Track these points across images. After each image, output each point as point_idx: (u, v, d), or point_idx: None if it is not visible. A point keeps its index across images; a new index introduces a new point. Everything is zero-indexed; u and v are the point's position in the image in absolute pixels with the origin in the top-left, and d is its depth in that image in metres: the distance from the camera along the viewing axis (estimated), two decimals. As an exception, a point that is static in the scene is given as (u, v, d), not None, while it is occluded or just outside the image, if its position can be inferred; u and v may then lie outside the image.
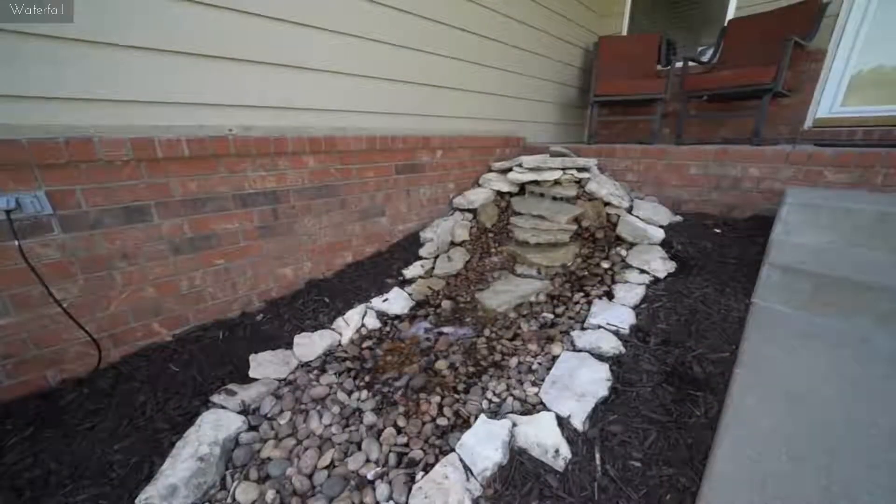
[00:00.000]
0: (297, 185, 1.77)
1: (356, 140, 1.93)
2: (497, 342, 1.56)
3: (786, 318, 1.33)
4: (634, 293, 1.70)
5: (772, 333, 1.27)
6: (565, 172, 2.42)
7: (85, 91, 1.25)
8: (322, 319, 1.70)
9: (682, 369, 1.25)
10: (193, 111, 1.48)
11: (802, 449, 0.92)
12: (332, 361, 1.48)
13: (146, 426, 1.16)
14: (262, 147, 1.60)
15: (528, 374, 1.36)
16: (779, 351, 1.19)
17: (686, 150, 2.35)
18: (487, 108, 2.82)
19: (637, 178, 2.56)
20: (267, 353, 1.48)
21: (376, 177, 2.10)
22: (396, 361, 1.49)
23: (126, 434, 1.13)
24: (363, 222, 2.10)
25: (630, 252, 2.01)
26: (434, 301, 1.89)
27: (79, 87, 1.24)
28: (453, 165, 2.56)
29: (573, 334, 1.50)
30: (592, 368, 1.30)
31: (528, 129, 3.22)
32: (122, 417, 1.18)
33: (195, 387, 1.31)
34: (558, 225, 2.20)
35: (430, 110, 2.41)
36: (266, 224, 1.71)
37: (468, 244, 2.36)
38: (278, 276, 1.80)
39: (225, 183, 1.55)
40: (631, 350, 1.37)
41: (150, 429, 1.16)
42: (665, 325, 1.47)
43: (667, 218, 2.24)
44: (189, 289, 1.53)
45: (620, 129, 3.84)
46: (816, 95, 2.71)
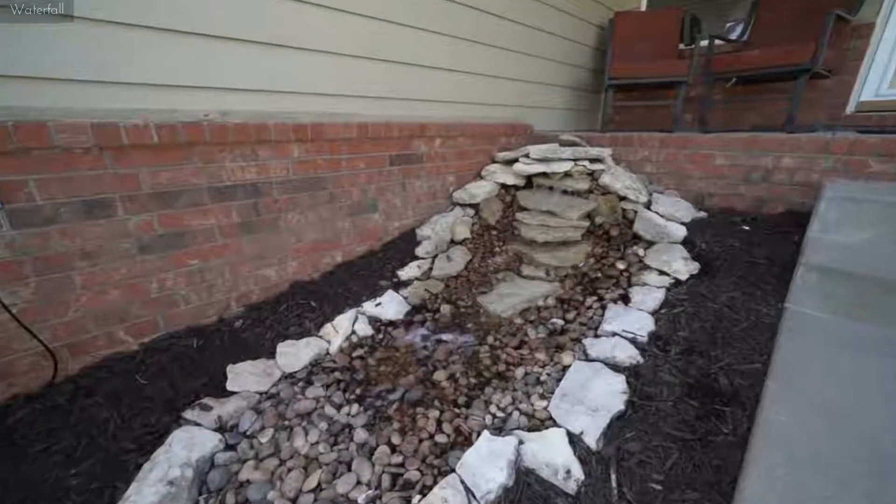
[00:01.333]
0: (280, 176, 1.76)
1: (346, 127, 1.92)
2: (501, 351, 1.56)
3: (824, 325, 1.31)
4: (653, 297, 1.69)
5: (808, 342, 1.25)
6: (577, 164, 2.41)
7: (40, 69, 1.23)
8: (308, 326, 1.69)
9: (706, 382, 1.24)
10: (164, 94, 1.46)
11: (845, 472, 0.89)
12: (319, 372, 1.47)
13: (108, 447, 1.14)
14: (241, 134, 1.58)
15: (535, 386, 1.35)
16: (816, 361, 1.18)
17: (711, 139, 2.33)
18: (490, 92, 2.80)
19: (656, 170, 2.55)
20: (247, 363, 1.47)
21: (368, 168, 2.09)
22: (390, 372, 1.48)
23: (85, 456, 1.11)
24: (354, 218, 2.09)
25: (648, 251, 2.00)
26: (432, 305, 1.89)
27: (33, 65, 1.22)
28: (453, 156, 2.54)
29: (585, 342, 1.50)
30: (607, 380, 1.29)
31: (535, 116, 3.20)
32: (80, 437, 1.15)
33: (165, 401, 1.29)
34: (569, 221, 2.19)
35: (427, 94, 2.38)
36: (246, 220, 1.69)
37: (469, 243, 2.35)
38: (259, 277, 1.79)
39: (200, 174, 1.53)
40: (649, 360, 1.36)
41: (113, 450, 1.13)
42: (687, 332, 1.46)
43: (689, 214, 2.23)
44: (159, 292, 1.52)
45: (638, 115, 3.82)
46: (861, 76, 2.67)
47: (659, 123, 3.60)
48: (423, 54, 2.29)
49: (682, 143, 2.42)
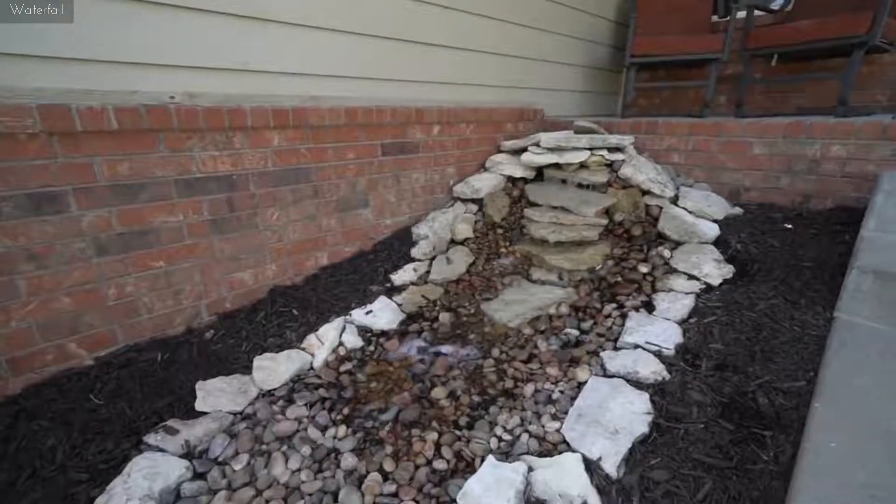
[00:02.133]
0: (258, 167, 1.75)
1: (332, 112, 1.91)
2: (508, 365, 1.56)
3: (881, 338, 1.28)
4: (681, 304, 1.68)
5: (862, 357, 1.23)
6: (593, 153, 2.40)
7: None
8: (289, 336, 1.68)
9: (743, 401, 1.22)
10: (124, 72, 1.45)
11: (905, 507, 0.87)
12: (301, 389, 1.47)
13: (56, 478, 1.12)
14: (213, 119, 1.58)
15: (547, 405, 1.35)
16: (871, 380, 1.15)
17: (748, 125, 2.31)
18: (496, 72, 2.78)
19: (684, 160, 2.53)
20: (219, 379, 1.46)
21: (357, 158, 2.08)
22: (383, 389, 1.48)
23: (28, 489, 1.08)
24: (341, 215, 2.09)
25: (675, 253, 1.99)
26: (430, 314, 1.88)
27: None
28: (454, 144, 2.53)
29: (604, 356, 1.50)
30: (628, 398, 1.28)
31: (547, 100, 3.18)
32: (21, 467, 1.13)
33: (124, 424, 1.27)
34: (584, 219, 2.18)
35: (424, 75, 2.37)
36: (219, 216, 1.68)
37: (472, 243, 2.35)
38: (234, 282, 1.78)
39: (166, 164, 1.52)
40: (677, 376, 1.35)
41: (61, 481, 1.11)
42: (720, 344, 1.44)
43: (722, 210, 2.21)
44: (118, 299, 1.50)
45: (664, 98, 3.81)
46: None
47: (688, 108, 3.58)
48: (420, 29, 2.28)
49: (714, 130, 2.40)
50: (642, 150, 2.63)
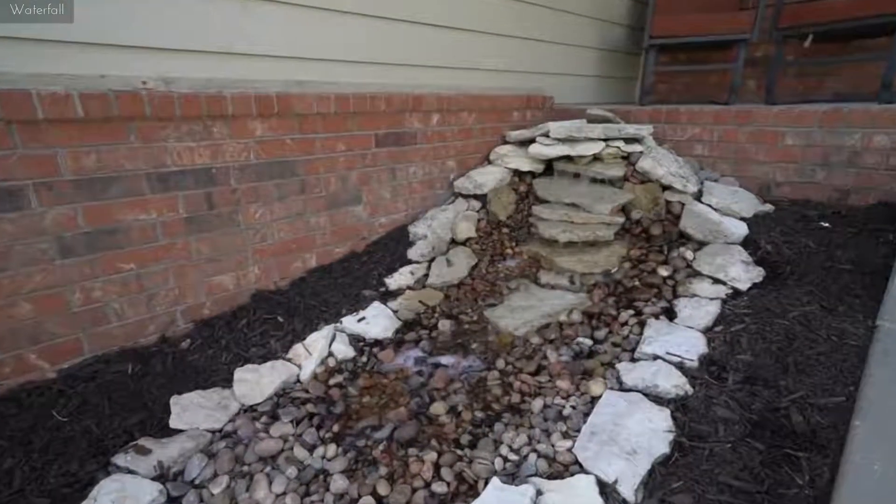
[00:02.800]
0: (239, 160, 1.75)
1: (321, 100, 1.91)
2: (514, 378, 1.55)
3: (926, 347, 1.28)
4: (705, 311, 1.68)
5: (906, 369, 1.22)
6: (609, 144, 2.40)
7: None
8: (274, 346, 1.68)
9: (775, 418, 1.22)
10: (90, 54, 1.44)
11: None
12: (287, 404, 1.47)
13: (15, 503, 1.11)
14: (190, 107, 1.57)
15: (557, 421, 1.35)
16: (916, 394, 1.14)
17: (780, 112, 2.31)
18: (501, 55, 2.78)
19: (709, 152, 2.53)
20: (195, 393, 1.46)
21: (349, 150, 2.08)
22: (377, 404, 1.48)
23: (-19, 518, 1.09)
24: (331, 212, 2.09)
25: (699, 254, 1.99)
26: (428, 321, 1.88)
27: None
28: (455, 135, 2.53)
29: (620, 367, 1.50)
30: (647, 415, 1.28)
31: (557, 86, 3.17)
32: (-26, 493, 1.13)
33: (91, 443, 1.27)
34: (598, 217, 2.18)
35: (422, 58, 2.37)
36: (196, 214, 1.68)
37: (475, 243, 2.35)
38: (213, 286, 1.78)
39: (137, 157, 1.52)
40: (701, 390, 1.35)
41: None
42: (749, 355, 1.44)
43: (751, 207, 2.21)
44: (84, 305, 1.50)
45: (686, 83, 3.81)
46: None
47: (713, 94, 3.58)
48: (417, 8, 2.28)
49: (742, 118, 2.40)
50: (662, 141, 2.63)
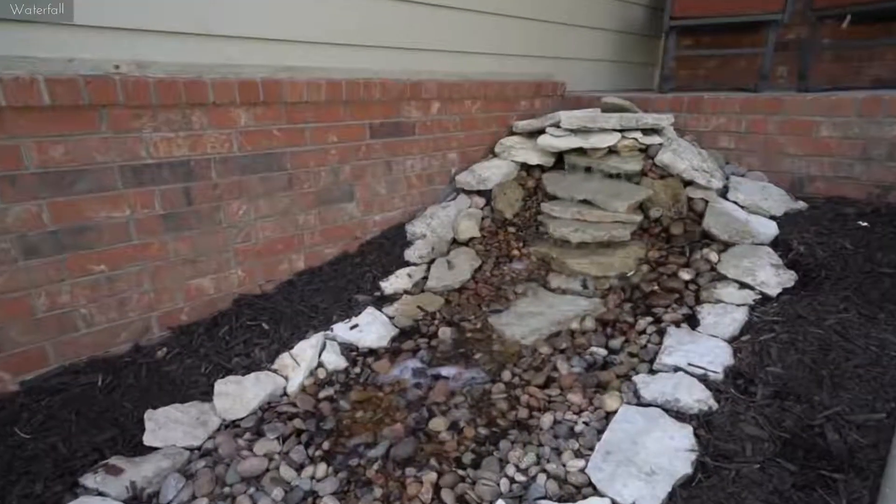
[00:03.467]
0: (221, 152, 1.75)
1: (311, 86, 1.91)
2: (522, 391, 1.56)
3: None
4: (731, 319, 1.68)
5: (950, 382, 1.22)
6: (625, 136, 2.40)
7: None
8: (258, 356, 1.68)
9: (808, 437, 1.21)
10: (58, 35, 1.44)
11: None
12: (272, 420, 1.47)
13: (-28, 528, 1.13)
14: (167, 94, 1.58)
15: (568, 439, 1.35)
16: (962, 410, 1.14)
17: (813, 101, 2.31)
18: (508, 38, 2.78)
19: (735, 145, 2.53)
20: (172, 407, 1.46)
21: (341, 142, 2.09)
22: (371, 419, 1.48)
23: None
24: (321, 210, 2.09)
25: (724, 256, 1.99)
26: (427, 328, 1.88)
27: None
28: (457, 125, 2.53)
29: (637, 380, 1.50)
30: (667, 432, 1.28)
31: (569, 71, 3.17)
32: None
33: (57, 463, 1.26)
34: (614, 215, 2.18)
35: (420, 41, 2.37)
36: (173, 211, 1.69)
37: (478, 243, 2.35)
38: (192, 290, 1.78)
39: (109, 148, 1.52)
40: (727, 405, 1.35)
41: (-22, 533, 1.12)
42: (780, 367, 1.44)
43: (782, 204, 2.21)
44: (49, 310, 1.50)
45: (710, 69, 3.80)
46: None
47: (740, 80, 3.57)
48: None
49: (772, 107, 2.40)
50: (684, 132, 2.63)
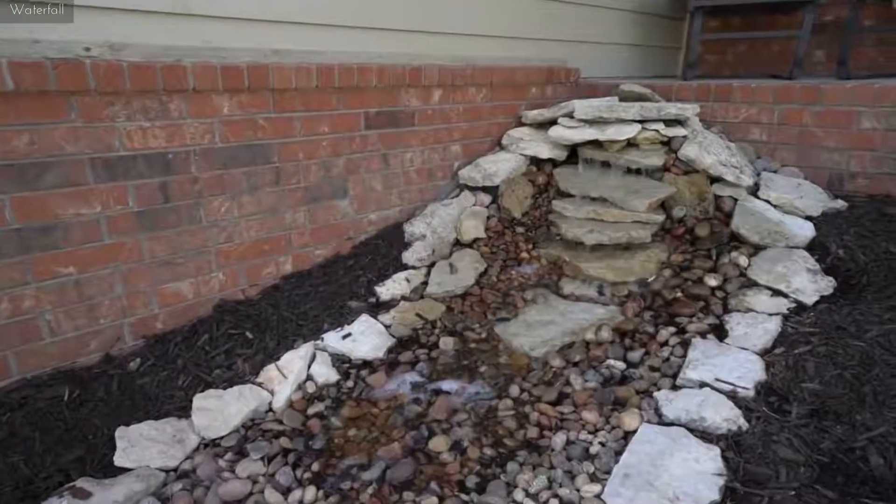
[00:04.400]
0: (201, 144, 1.76)
1: (301, 72, 1.92)
2: (531, 408, 1.56)
3: None
4: (763, 329, 1.68)
5: None
6: (645, 127, 2.40)
7: None
8: (241, 368, 1.69)
9: (849, 460, 1.21)
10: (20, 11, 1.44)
11: None
12: (256, 438, 1.47)
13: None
14: (143, 79, 1.58)
15: (583, 461, 1.35)
16: None
17: (855, 89, 2.31)
18: (516, 18, 2.78)
19: (767, 137, 2.53)
20: (146, 424, 1.46)
21: (334, 133, 2.09)
22: (365, 438, 1.48)
23: None
24: (311, 207, 2.10)
25: (755, 260, 1.99)
26: (427, 338, 1.89)
27: None
28: (460, 115, 2.54)
29: (658, 396, 1.50)
30: (692, 454, 1.28)
31: (583, 56, 3.18)
32: None
33: (19, 485, 1.26)
34: (633, 214, 2.18)
35: (421, 22, 2.38)
36: (149, 208, 1.69)
37: (484, 245, 2.35)
38: (169, 294, 1.78)
39: (79, 138, 1.52)
40: (758, 425, 1.34)
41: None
42: (817, 383, 1.43)
43: (819, 203, 2.21)
44: (11, 316, 1.50)
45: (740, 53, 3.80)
46: None
47: (773, 67, 3.57)
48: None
49: (808, 96, 2.40)
50: (711, 124, 2.63)
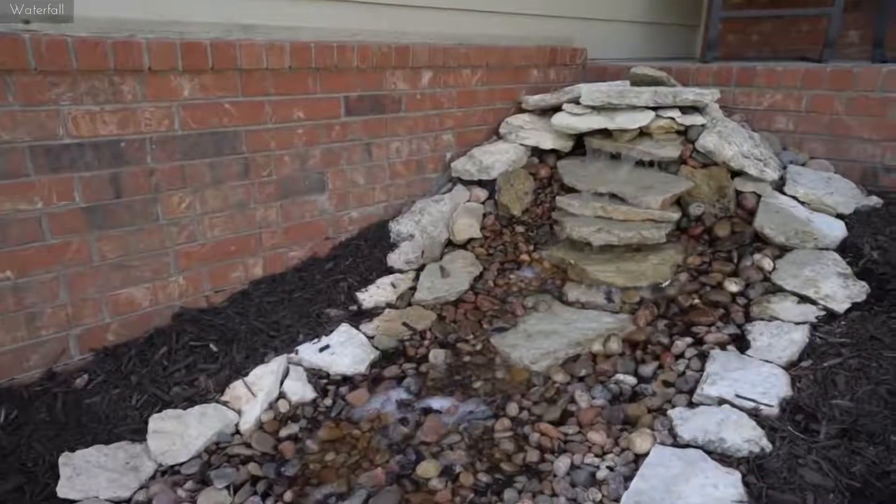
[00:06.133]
0: (159, 131, 1.75)
1: (273, 50, 1.91)
2: (532, 428, 1.56)
3: None
4: (788, 340, 1.69)
5: None
6: (660, 115, 2.42)
7: None
8: (204, 384, 1.68)
9: (884, 486, 1.22)
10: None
11: None
12: (221, 464, 1.47)
13: None
14: (91, 57, 1.57)
15: (589, 487, 1.35)
16: None
17: (891, 74, 2.33)
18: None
19: (794, 127, 2.55)
20: (94, 449, 1.45)
21: (310, 119, 2.09)
22: (344, 463, 1.48)
23: None
24: (284, 203, 2.10)
25: (780, 263, 2.01)
26: (415, 350, 1.89)
27: None
28: (453, 101, 2.55)
29: (673, 415, 1.50)
30: (710, 479, 1.28)
31: (592, 35, 3.20)
32: None
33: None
34: (646, 212, 2.19)
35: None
36: (98, 203, 1.68)
37: (479, 246, 2.35)
38: (121, 302, 1.77)
39: (17, 124, 1.51)
40: (783, 446, 1.35)
41: None
42: (848, 400, 1.45)
43: (851, 200, 2.22)
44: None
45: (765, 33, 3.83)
46: None
47: (801, 48, 3.60)
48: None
49: (840, 82, 2.43)
50: (732, 111, 2.65)
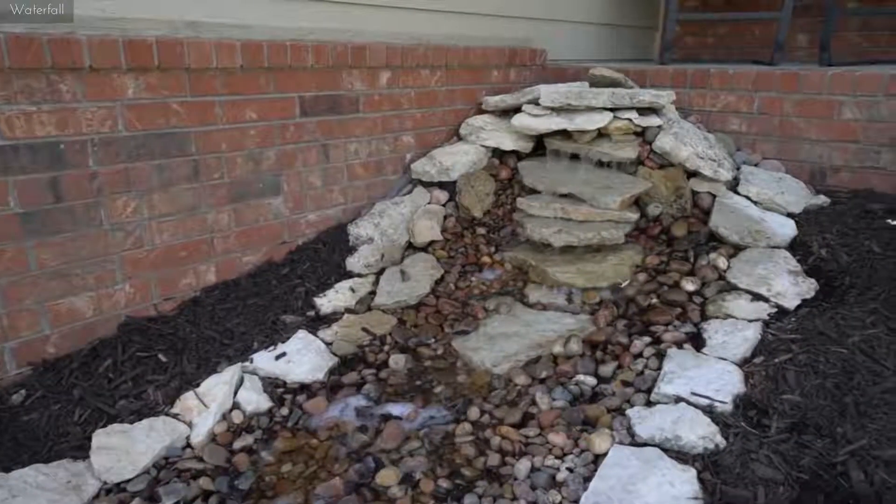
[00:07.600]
0: (101, 132, 1.72)
1: (223, 48, 1.90)
2: (493, 432, 1.57)
3: None
4: (742, 337, 1.74)
5: None
6: (618, 116, 2.45)
7: None
8: (153, 397, 1.65)
9: (830, 477, 1.26)
10: None
11: None
12: (171, 479, 1.45)
13: None
14: (25, 54, 1.54)
15: (549, 489, 1.37)
16: None
17: (836, 76, 2.40)
18: (475, -7, 2.82)
19: (747, 128, 2.62)
20: (33, 469, 1.41)
21: (263, 120, 2.08)
22: (301, 474, 1.47)
23: None
24: (237, 206, 2.08)
25: (734, 262, 2.06)
26: (375, 356, 1.89)
27: None
28: (412, 101, 2.55)
29: (631, 414, 1.53)
30: (667, 476, 1.31)
31: (550, 36, 3.24)
32: None
33: None
34: (605, 212, 2.22)
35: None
36: (36, 208, 1.65)
37: (440, 248, 2.36)
38: (62, 312, 1.74)
39: (-50, 126, 1.48)
40: (736, 442, 1.39)
41: None
42: (798, 395, 1.49)
43: (800, 199, 2.29)
44: None
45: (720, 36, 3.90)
46: None
47: (754, 51, 3.69)
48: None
49: (789, 84, 2.50)
50: (688, 112, 2.72)
